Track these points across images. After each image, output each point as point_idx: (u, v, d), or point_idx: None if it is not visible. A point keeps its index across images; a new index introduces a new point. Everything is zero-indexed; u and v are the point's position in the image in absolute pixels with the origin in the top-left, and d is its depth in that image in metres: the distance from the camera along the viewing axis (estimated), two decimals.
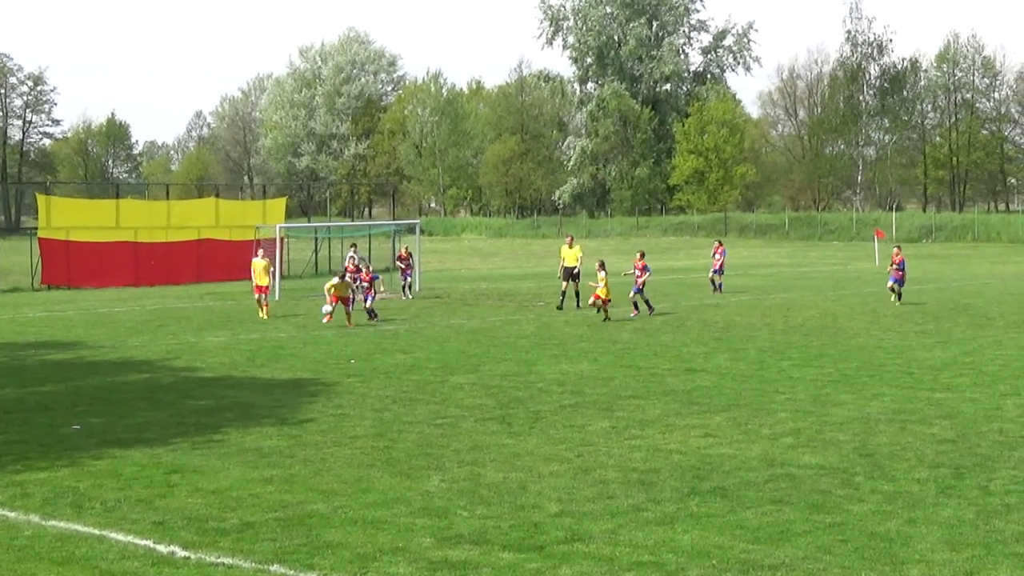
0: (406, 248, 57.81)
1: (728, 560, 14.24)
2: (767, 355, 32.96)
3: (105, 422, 23.80)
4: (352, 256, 54.48)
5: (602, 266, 42.68)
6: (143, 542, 15.21)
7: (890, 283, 48.70)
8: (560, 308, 47.25)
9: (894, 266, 48.37)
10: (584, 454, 20.25)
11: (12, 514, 16.68)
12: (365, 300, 43.72)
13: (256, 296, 46.45)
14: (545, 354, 33.02)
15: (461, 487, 17.98)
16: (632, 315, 43.90)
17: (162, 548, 14.94)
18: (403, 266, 55.76)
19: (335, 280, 41.77)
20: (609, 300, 42.53)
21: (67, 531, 15.80)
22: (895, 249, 50.04)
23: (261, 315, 45.60)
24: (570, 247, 48.32)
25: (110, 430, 22.90)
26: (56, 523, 16.19)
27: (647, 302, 45.04)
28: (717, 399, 25.69)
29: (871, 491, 17.48)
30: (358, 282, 45.52)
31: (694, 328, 39.82)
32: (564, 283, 48.19)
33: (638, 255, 47.28)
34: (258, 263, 47.03)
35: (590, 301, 43.16)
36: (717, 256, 56.63)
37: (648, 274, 46.15)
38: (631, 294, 45.02)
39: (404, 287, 54.66)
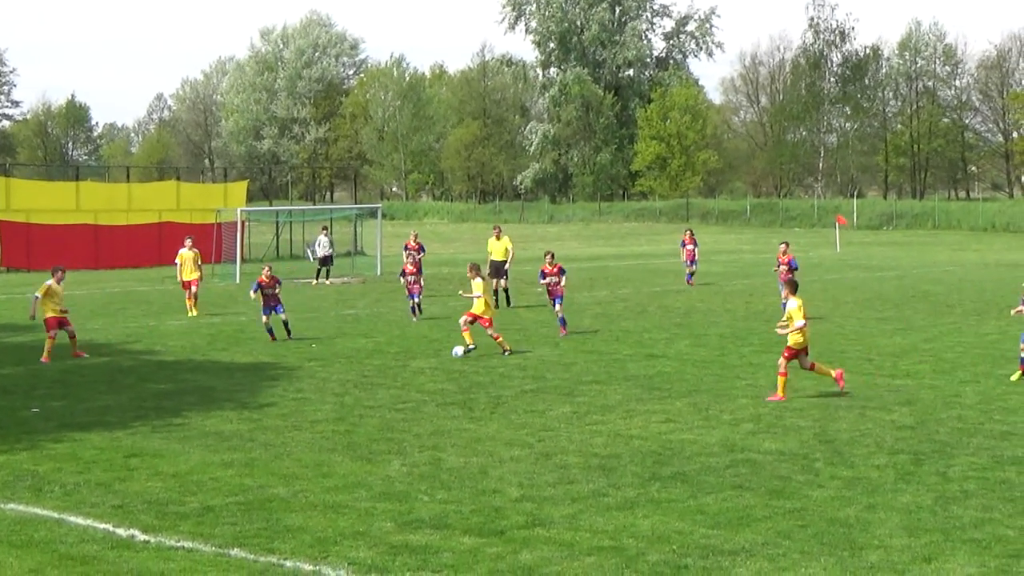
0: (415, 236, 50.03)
1: (688, 545, 14.28)
2: (728, 341, 33.05)
3: (64, 405, 23.71)
4: (320, 241, 54.40)
5: (476, 271, 32.29)
6: (102, 525, 15.16)
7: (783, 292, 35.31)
8: (508, 305, 42.21)
9: (781, 268, 39.21)
10: (545, 439, 20.28)
11: None
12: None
13: (187, 292, 41.20)
14: (507, 339, 33.00)
15: (422, 471, 17.98)
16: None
17: (122, 532, 14.89)
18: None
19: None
20: (490, 320, 31.52)
21: (26, 514, 15.73)
22: (782, 247, 40.51)
23: (190, 312, 40.56)
24: (498, 239, 43.77)
25: (69, 413, 22.81)
26: (15, 506, 16.12)
27: None
28: (678, 385, 25.77)
29: (831, 477, 17.56)
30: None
31: (655, 314, 39.89)
32: (494, 281, 42.42)
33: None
34: (186, 255, 41.80)
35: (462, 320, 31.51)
36: (688, 246, 52.32)
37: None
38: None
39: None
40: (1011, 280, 53.61)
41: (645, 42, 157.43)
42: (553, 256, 36.73)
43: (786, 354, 24.05)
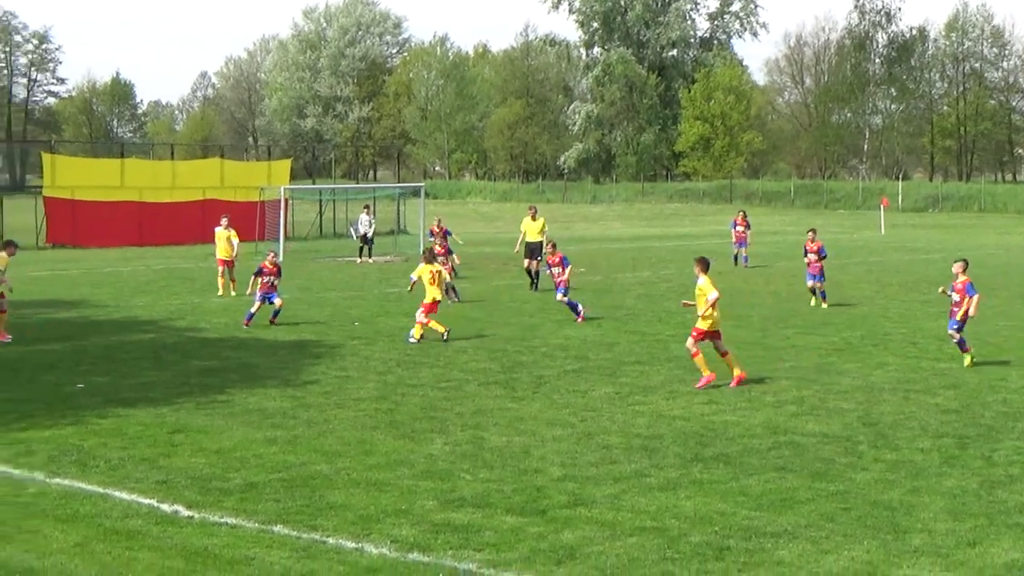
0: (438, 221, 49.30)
1: (731, 527, 14.25)
2: (771, 323, 32.94)
3: (109, 381, 23.83)
4: (362, 220, 54.39)
5: (435, 255, 32.20)
6: (147, 501, 15.24)
7: (809, 282, 37.26)
8: (535, 289, 41.05)
9: (811, 256, 37.29)
10: (587, 419, 20.27)
11: (17, 471, 16.71)
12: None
13: (220, 270, 40.70)
14: (549, 319, 33.00)
15: (464, 450, 18.00)
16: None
17: (166, 507, 14.97)
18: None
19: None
20: (435, 304, 30.02)
21: (71, 489, 15.83)
22: (809, 234, 38.50)
23: (222, 292, 39.89)
24: (533, 219, 43.02)
25: (114, 389, 22.92)
26: (61, 481, 16.22)
27: None
28: (721, 366, 25.65)
29: (874, 460, 17.48)
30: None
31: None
32: (527, 261, 42.15)
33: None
34: (220, 233, 41.13)
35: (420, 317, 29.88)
36: (739, 228, 52.78)
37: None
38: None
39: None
40: None
41: (689, 22, 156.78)
42: (555, 246, 35.60)
43: (695, 334, 23.70)
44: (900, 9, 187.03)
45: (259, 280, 32.46)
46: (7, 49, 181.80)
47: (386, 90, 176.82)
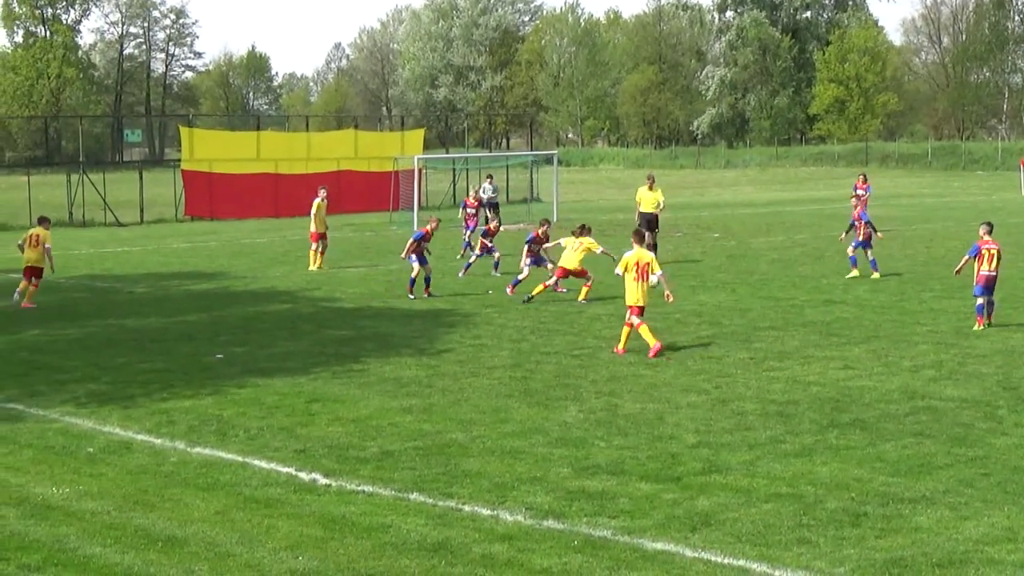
0: (475, 193, 48.67)
1: (867, 492, 14.15)
2: (908, 286, 32.55)
3: (247, 351, 24.18)
4: (485, 188, 54.34)
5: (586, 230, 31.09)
6: (285, 469, 15.47)
7: (851, 247, 35.05)
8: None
9: (857, 202, 36.32)
10: (722, 385, 20.21)
11: (159, 441, 17.05)
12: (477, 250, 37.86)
13: (313, 245, 39.49)
14: (683, 285, 32.86)
15: (598, 418, 18.03)
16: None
17: (304, 475, 15.18)
18: (470, 213, 44.51)
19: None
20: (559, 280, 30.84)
21: (211, 458, 16.12)
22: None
23: (312, 265, 39.08)
24: (650, 189, 40.57)
25: (252, 359, 23.26)
26: (201, 450, 16.52)
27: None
28: (857, 331, 25.44)
29: (1015, 424, 17.25)
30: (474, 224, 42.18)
31: (833, 259, 39.27)
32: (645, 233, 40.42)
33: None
34: (320, 204, 39.93)
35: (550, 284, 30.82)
36: (860, 192, 48.98)
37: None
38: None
39: (466, 244, 42.16)
40: None
41: None
42: (549, 224, 34.48)
43: (635, 311, 23.48)
44: None
45: (417, 245, 32.03)
46: (145, 25, 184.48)
47: (518, 58, 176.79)
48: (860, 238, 34.62)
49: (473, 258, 37.25)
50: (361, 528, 13.22)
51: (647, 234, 39.33)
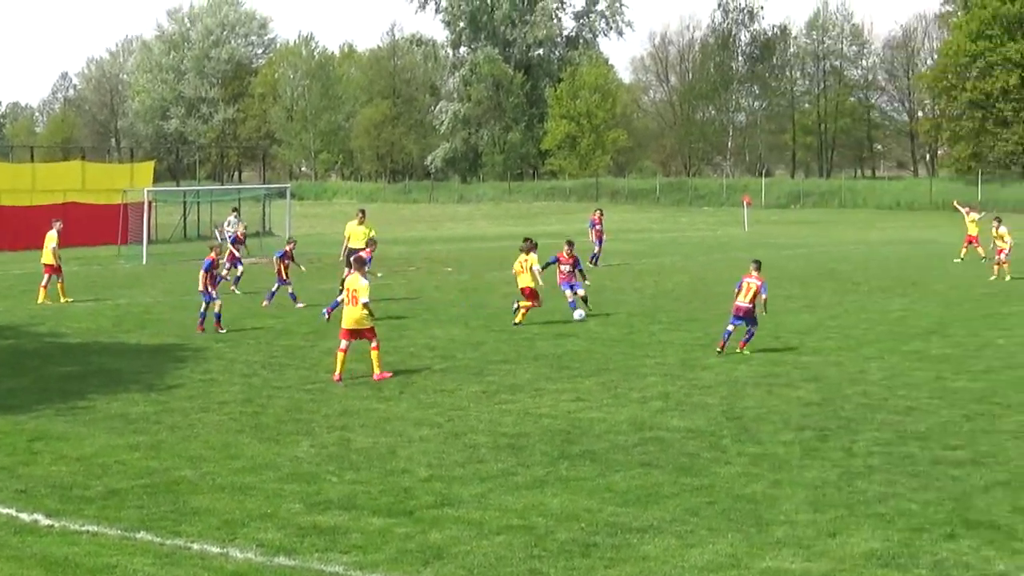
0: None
1: (597, 523, 14.34)
2: (637, 319, 33.18)
3: None
4: (230, 221, 53.61)
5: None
6: (5, 510, 14.99)
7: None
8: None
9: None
10: (454, 418, 20.28)
11: None
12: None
13: (44, 279, 38.17)
14: (416, 319, 32.96)
15: (331, 452, 17.93)
16: None
17: (25, 516, 14.73)
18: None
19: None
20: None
21: None
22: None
23: (41, 298, 37.77)
24: (360, 224, 39.88)
25: None
26: None
27: None
28: (587, 363, 25.83)
29: (738, 454, 17.70)
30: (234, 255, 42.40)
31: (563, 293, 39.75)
32: (347, 270, 37.24)
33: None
34: (52, 237, 38.75)
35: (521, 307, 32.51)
36: (597, 227, 51.28)
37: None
38: None
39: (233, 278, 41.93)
40: (915, 257, 54.29)
41: (555, 21, 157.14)
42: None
43: (342, 334, 24.24)
44: (763, 8, 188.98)
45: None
46: None
47: (251, 91, 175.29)
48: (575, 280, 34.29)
49: (276, 286, 36.52)
50: (85, 569, 12.87)
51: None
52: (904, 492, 15.63)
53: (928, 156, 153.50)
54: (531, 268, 32.26)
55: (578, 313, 32.60)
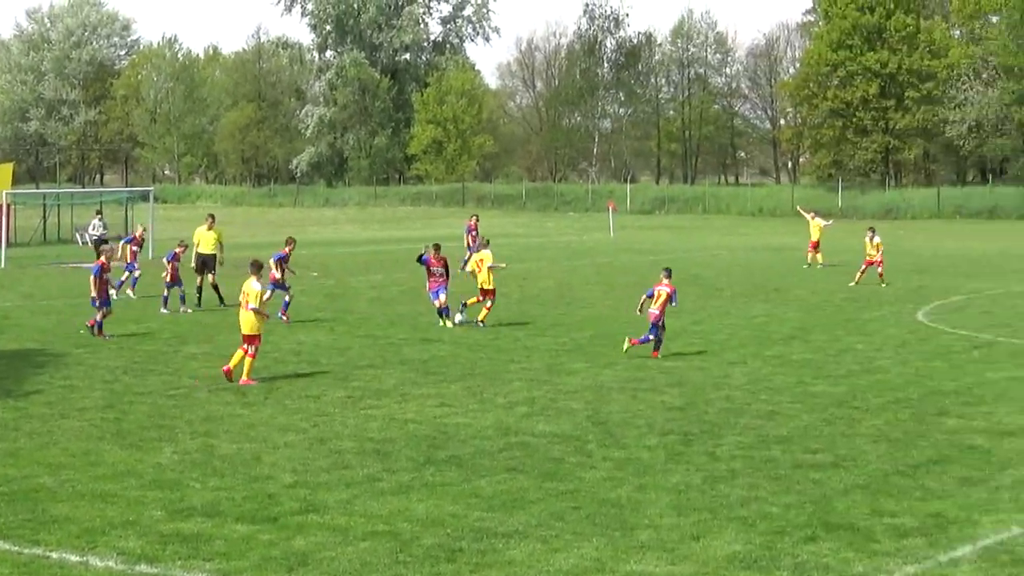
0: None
1: (462, 528, 14.34)
2: (502, 325, 33.22)
3: None
4: (95, 224, 52.98)
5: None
6: None
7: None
8: (198, 305, 37.13)
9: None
10: (320, 424, 20.18)
11: None
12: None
13: None
14: (281, 324, 32.73)
15: (194, 459, 17.75)
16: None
17: None
18: (135, 251, 41.45)
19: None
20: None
21: None
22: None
23: None
24: (209, 229, 39.11)
25: None
26: None
27: None
28: (453, 368, 25.84)
29: (603, 458, 17.79)
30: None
31: (428, 298, 39.73)
32: (199, 277, 37.86)
33: None
34: None
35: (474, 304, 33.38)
36: (473, 232, 50.48)
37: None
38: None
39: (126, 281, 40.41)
40: (777, 263, 55.01)
41: (422, 26, 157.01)
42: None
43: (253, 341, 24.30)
44: (628, 15, 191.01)
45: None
46: None
47: (114, 93, 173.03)
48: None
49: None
50: None
51: (210, 275, 38.37)
52: (766, 495, 15.83)
53: (790, 163, 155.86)
54: (488, 266, 32.95)
55: (458, 317, 32.78)
